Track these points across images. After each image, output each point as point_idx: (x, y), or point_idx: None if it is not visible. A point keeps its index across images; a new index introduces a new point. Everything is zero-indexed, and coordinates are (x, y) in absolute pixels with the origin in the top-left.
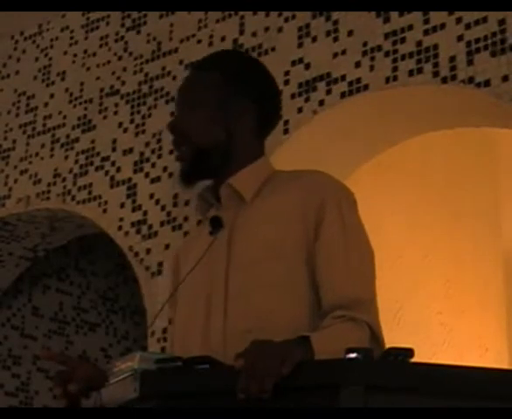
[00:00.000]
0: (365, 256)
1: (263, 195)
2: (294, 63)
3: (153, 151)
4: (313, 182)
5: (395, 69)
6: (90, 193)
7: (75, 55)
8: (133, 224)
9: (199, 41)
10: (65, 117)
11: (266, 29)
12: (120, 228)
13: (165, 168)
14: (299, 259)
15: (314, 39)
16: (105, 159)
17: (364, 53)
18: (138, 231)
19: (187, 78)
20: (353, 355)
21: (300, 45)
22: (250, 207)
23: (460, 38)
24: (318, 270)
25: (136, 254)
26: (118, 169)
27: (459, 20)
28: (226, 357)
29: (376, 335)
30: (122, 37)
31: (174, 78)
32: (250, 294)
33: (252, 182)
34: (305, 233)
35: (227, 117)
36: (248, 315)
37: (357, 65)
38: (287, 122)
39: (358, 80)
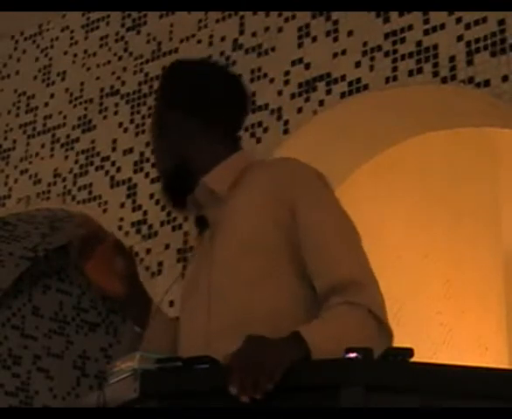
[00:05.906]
0: (350, 236)
1: (237, 189)
2: (293, 63)
3: (153, 151)
4: (280, 170)
5: (395, 69)
6: (90, 193)
7: (75, 55)
8: (133, 224)
9: (199, 41)
10: (65, 117)
11: (266, 29)
12: (120, 228)
13: None
14: (279, 252)
15: (314, 39)
16: (105, 159)
17: (364, 53)
18: (138, 231)
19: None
20: (353, 355)
21: (300, 45)
22: (227, 203)
23: (459, 38)
24: (307, 260)
25: (136, 254)
26: (118, 169)
27: (458, 20)
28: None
29: (378, 318)
30: (122, 37)
31: None
32: (230, 291)
33: (224, 178)
34: (281, 223)
35: (177, 140)
36: (229, 312)
37: (357, 65)
38: (287, 122)
39: (358, 80)
